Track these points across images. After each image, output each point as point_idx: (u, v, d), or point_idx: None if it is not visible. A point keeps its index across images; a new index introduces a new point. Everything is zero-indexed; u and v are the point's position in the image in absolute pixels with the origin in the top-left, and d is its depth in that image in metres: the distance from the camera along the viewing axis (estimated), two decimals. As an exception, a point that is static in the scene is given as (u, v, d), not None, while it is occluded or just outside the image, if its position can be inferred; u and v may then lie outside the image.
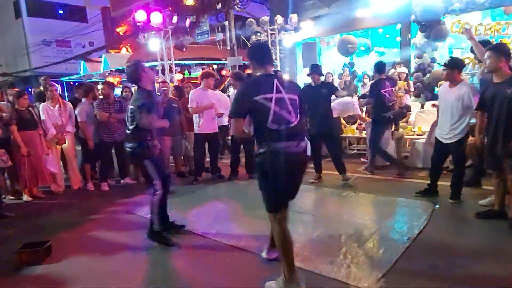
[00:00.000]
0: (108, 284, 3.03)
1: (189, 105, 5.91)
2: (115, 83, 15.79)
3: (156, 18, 8.85)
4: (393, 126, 6.10)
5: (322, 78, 5.77)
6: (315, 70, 5.54)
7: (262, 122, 2.54)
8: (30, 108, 5.63)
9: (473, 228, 3.71)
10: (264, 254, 3.19)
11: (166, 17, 9.36)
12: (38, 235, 3.99)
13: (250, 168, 6.12)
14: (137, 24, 8.86)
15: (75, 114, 6.01)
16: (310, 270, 2.95)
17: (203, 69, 16.88)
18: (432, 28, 8.33)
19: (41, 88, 7.16)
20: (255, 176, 2.88)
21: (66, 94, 20.15)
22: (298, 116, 2.66)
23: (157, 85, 7.95)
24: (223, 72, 14.99)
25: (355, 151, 7.78)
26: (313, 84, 5.54)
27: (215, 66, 16.73)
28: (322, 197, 5.14)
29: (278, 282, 2.65)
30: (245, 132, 2.63)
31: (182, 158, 6.86)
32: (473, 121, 4.31)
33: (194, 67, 16.97)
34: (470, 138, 4.33)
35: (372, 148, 5.87)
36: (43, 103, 5.92)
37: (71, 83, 19.88)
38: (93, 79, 17.87)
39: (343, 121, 7.92)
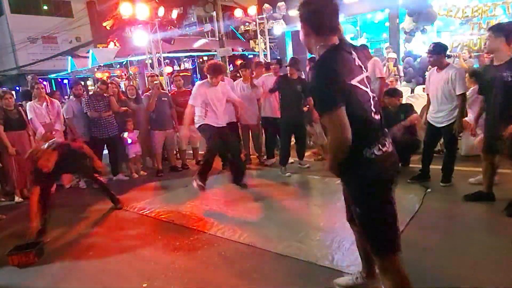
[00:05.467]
0: (102, 283, 3.02)
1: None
2: (104, 78, 15.64)
3: (142, 11, 8.70)
4: None
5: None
6: (293, 63, 5.63)
7: (362, 113, 1.83)
8: (19, 108, 5.55)
9: (464, 211, 3.73)
10: None
11: (153, 9, 9.22)
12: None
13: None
14: (123, 18, 8.70)
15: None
16: (305, 260, 2.97)
17: (193, 61, 16.79)
18: (420, 12, 8.30)
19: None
20: (357, 200, 1.96)
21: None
22: None
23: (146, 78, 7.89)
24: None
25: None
26: (290, 76, 5.61)
27: (205, 58, 16.62)
28: (314, 185, 5.14)
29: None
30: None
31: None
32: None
33: (184, 59, 16.82)
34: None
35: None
36: (29, 102, 5.83)
37: (59, 80, 19.63)
38: (82, 75, 17.68)
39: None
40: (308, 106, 5.80)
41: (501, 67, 3.39)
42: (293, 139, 5.80)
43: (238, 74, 6.98)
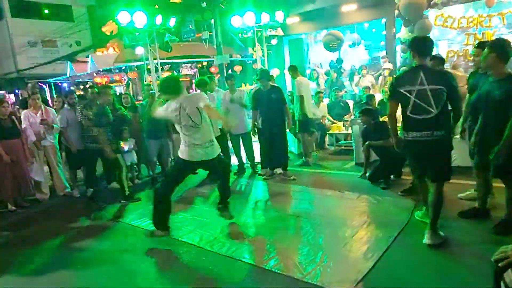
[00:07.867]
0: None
1: None
2: (103, 83, 15.66)
3: (140, 19, 8.71)
4: None
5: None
6: (264, 76, 5.81)
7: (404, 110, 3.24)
8: (12, 117, 5.57)
9: (452, 226, 3.69)
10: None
11: (150, 17, 9.23)
12: (22, 246, 3.99)
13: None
14: (121, 25, 8.72)
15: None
16: (291, 276, 2.98)
17: (193, 66, 16.81)
18: (415, 22, 8.34)
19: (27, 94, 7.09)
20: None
21: (55, 95, 19.97)
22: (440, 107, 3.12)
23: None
24: (212, 69, 14.91)
25: (342, 147, 7.81)
26: (263, 88, 5.83)
27: (205, 63, 16.63)
28: (305, 197, 5.14)
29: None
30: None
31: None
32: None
33: (183, 65, 16.82)
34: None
35: None
36: (25, 111, 5.87)
37: (59, 84, 19.67)
38: (80, 80, 17.72)
39: (330, 118, 7.96)
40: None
41: (493, 84, 3.33)
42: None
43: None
